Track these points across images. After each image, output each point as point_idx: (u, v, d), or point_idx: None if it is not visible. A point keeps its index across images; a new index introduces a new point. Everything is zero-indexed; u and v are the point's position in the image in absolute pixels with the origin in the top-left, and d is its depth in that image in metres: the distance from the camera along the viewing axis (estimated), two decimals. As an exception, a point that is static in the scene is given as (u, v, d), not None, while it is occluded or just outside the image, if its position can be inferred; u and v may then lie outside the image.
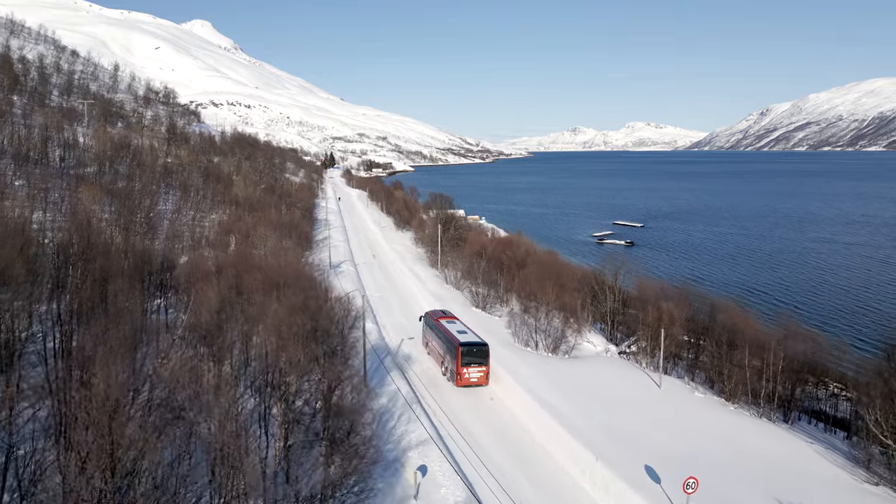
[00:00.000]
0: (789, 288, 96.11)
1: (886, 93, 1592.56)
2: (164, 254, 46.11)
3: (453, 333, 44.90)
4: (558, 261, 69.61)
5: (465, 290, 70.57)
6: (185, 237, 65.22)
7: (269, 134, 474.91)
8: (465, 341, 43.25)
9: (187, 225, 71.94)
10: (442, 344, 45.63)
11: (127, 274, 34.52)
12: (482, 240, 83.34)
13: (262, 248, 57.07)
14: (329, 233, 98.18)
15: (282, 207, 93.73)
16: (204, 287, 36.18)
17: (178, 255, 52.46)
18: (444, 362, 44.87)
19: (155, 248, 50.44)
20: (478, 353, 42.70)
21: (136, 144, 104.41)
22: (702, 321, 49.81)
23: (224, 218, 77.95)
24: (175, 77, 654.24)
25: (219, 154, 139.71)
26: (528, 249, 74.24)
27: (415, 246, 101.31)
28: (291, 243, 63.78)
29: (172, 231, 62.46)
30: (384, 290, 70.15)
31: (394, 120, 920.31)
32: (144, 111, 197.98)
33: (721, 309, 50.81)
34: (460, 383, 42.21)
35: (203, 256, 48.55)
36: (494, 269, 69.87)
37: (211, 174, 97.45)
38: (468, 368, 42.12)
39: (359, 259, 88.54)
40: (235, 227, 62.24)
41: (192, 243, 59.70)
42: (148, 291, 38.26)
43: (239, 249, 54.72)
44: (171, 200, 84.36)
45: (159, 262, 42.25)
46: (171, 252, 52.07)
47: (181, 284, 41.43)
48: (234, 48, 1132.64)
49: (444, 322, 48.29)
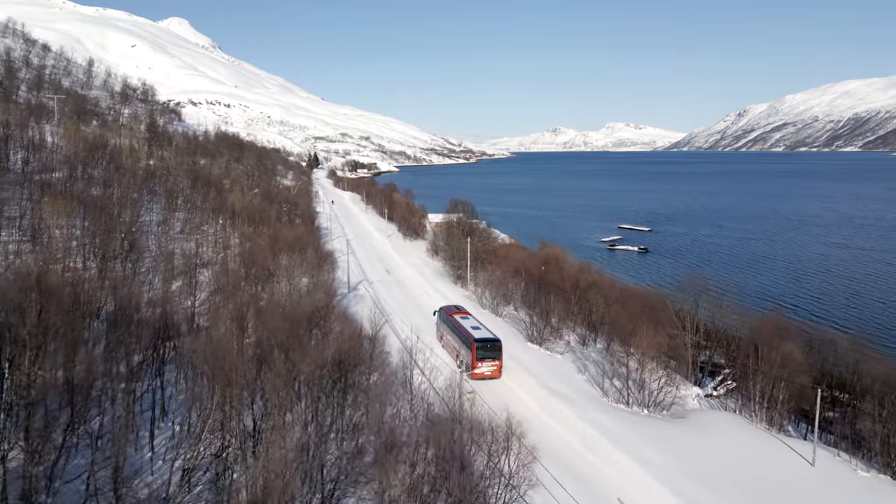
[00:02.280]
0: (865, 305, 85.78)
1: (860, 94, 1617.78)
2: (160, 303, 34.28)
3: (468, 329, 46.70)
4: (633, 290, 59.32)
5: (505, 315, 60.33)
6: (177, 257, 54.07)
7: (251, 133, 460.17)
8: (479, 337, 44.99)
9: (178, 243, 60.56)
10: (457, 338, 47.65)
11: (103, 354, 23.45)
12: (518, 255, 72.90)
13: (285, 283, 45.64)
14: (334, 244, 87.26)
15: (283, 217, 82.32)
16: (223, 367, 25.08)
17: (176, 300, 41.27)
18: (459, 356, 46.80)
19: (143, 294, 39.13)
20: (491, 348, 44.40)
21: (114, 145, 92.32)
22: (833, 366, 40.14)
23: (221, 232, 66.68)
24: (152, 75, 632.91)
25: (205, 155, 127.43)
26: (581, 269, 63.93)
27: (430, 258, 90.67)
28: (311, 267, 52.53)
29: (161, 252, 51.07)
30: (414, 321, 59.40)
31: (376, 120, 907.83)
32: (122, 109, 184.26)
33: (848, 349, 41.31)
34: (475, 377, 43.22)
35: (220, 309, 36.37)
36: (538, 290, 59.90)
37: (200, 178, 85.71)
38: (482, 363, 43.74)
39: (372, 275, 77.67)
40: (250, 256, 49.92)
41: (185, 270, 48.57)
42: (134, 373, 27.06)
43: (267, 294, 43.63)
44: (155, 210, 72.75)
45: (155, 321, 30.80)
46: (166, 293, 41.01)
47: (186, 358, 29.69)
48: (213, 46, 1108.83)
49: (458, 318, 50.18)
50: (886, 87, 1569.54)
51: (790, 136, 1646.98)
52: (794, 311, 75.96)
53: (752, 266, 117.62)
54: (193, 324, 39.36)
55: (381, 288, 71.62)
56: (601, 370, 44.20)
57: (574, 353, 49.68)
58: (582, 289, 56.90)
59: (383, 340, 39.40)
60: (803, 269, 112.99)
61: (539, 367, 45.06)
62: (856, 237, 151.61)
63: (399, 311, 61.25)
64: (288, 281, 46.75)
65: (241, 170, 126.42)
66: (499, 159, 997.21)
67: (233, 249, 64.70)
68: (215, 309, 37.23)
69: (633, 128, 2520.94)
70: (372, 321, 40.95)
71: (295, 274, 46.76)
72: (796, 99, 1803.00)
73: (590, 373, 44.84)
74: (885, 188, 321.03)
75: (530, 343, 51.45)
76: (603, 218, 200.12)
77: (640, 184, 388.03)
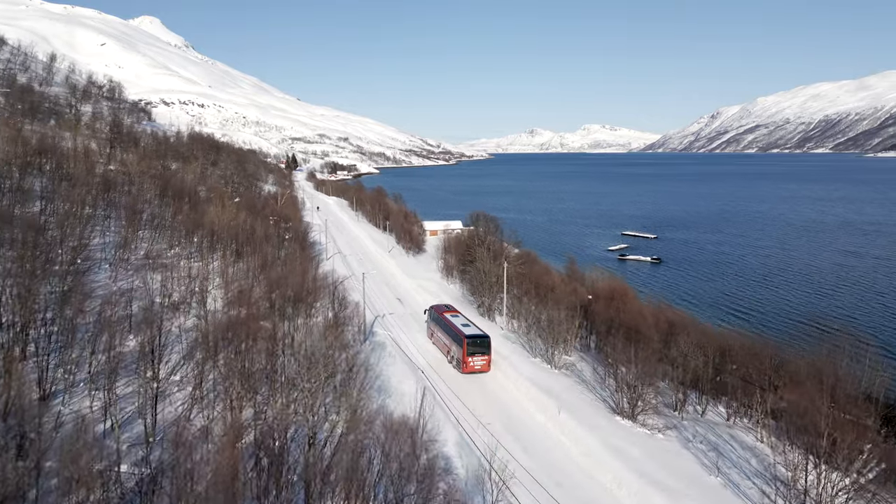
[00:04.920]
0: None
1: (830, 96, 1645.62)
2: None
3: (458, 327, 48.95)
4: (733, 336, 46.23)
5: (562, 366, 47.20)
6: (136, 296, 40.00)
7: (226, 134, 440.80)
8: (470, 334, 47.34)
9: (142, 273, 46.30)
10: (448, 336, 49.71)
11: None
12: (554, 280, 59.74)
13: (291, 357, 31.32)
14: (333, 266, 73.49)
15: (273, 234, 67.84)
16: None
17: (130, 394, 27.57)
18: (450, 352, 49.04)
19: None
20: (481, 343, 46.72)
21: (67, 148, 77.02)
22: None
23: (194, 262, 52.38)
24: (123, 74, 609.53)
25: (178, 159, 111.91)
26: (660, 307, 51.11)
27: (444, 280, 77.25)
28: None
29: (112, 298, 36.75)
30: (453, 383, 46.20)
31: (353, 120, 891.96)
32: (82, 106, 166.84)
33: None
34: (466, 370, 46.14)
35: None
36: (607, 334, 47.24)
37: (170, 187, 70.95)
38: (473, 357, 46.20)
39: (381, 305, 64.01)
40: (236, 320, 34.08)
41: (146, 317, 34.69)
42: None
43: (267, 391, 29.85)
44: (113, 228, 58.22)
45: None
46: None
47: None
48: (186, 46, 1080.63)
49: (448, 316, 52.45)
50: (856, 90, 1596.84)
51: (763, 137, 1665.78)
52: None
53: (783, 280, 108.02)
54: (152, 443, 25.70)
55: (396, 326, 57.97)
56: (746, 467, 31.35)
57: (678, 431, 36.86)
58: (666, 333, 44.26)
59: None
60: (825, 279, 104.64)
61: (652, 465, 32.16)
62: (872, 245, 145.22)
63: (439, 368, 48.28)
64: (293, 353, 32.90)
65: (219, 174, 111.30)
66: (478, 160, 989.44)
67: (212, 279, 50.67)
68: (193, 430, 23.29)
69: (609, 129, 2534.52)
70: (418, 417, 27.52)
71: (303, 343, 33.02)
72: (768, 101, 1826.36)
73: (729, 473, 31.86)
74: (870, 189, 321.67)
75: (619, 417, 38.20)
76: (601, 223, 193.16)
77: (626, 186, 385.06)
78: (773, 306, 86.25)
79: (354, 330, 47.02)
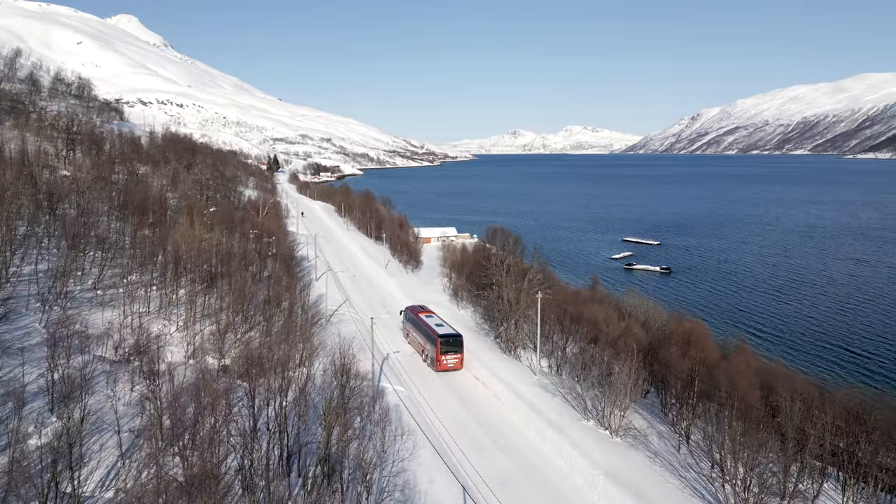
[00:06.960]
0: None
1: (808, 98, 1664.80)
2: None
3: (432, 326, 50.48)
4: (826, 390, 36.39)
5: (622, 432, 36.57)
6: (71, 347, 29.38)
7: (205, 135, 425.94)
8: (443, 333, 48.87)
9: (85, 312, 35.40)
10: (422, 335, 51.30)
11: None
12: (629, 326, 48.92)
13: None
14: (326, 290, 62.59)
15: (254, 253, 56.74)
16: None
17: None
18: (424, 350, 50.61)
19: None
20: (454, 342, 48.34)
21: (8, 150, 65.15)
22: None
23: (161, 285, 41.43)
24: (99, 73, 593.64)
25: (147, 162, 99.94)
26: (741, 348, 41.14)
27: (455, 304, 66.76)
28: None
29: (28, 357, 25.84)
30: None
31: (335, 121, 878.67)
32: (47, 105, 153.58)
33: None
34: (439, 368, 47.44)
35: None
36: (681, 391, 37.29)
37: (132, 197, 59.38)
38: (446, 356, 47.56)
39: (385, 343, 53.26)
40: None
41: (82, 385, 24.24)
42: None
43: None
44: (56, 251, 47.10)
45: None
46: None
47: None
48: (164, 45, 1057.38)
49: (423, 316, 53.73)
50: (833, 92, 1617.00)
51: (743, 139, 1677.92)
52: None
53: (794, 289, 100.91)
54: None
55: (406, 373, 47.43)
56: None
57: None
58: (760, 386, 34.45)
59: None
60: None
61: None
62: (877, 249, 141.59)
63: (475, 450, 35.14)
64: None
65: (194, 180, 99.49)
66: (462, 161, 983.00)
67: (175, 322, 39.89)
68: None
69: (591, 131, 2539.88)
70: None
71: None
72: (747, 103, 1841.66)
73: None
74: (859, 191, 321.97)
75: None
76: (597, 228, 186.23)
77: (614, 188, 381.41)
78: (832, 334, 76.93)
79: (364, 413, 32.83)
